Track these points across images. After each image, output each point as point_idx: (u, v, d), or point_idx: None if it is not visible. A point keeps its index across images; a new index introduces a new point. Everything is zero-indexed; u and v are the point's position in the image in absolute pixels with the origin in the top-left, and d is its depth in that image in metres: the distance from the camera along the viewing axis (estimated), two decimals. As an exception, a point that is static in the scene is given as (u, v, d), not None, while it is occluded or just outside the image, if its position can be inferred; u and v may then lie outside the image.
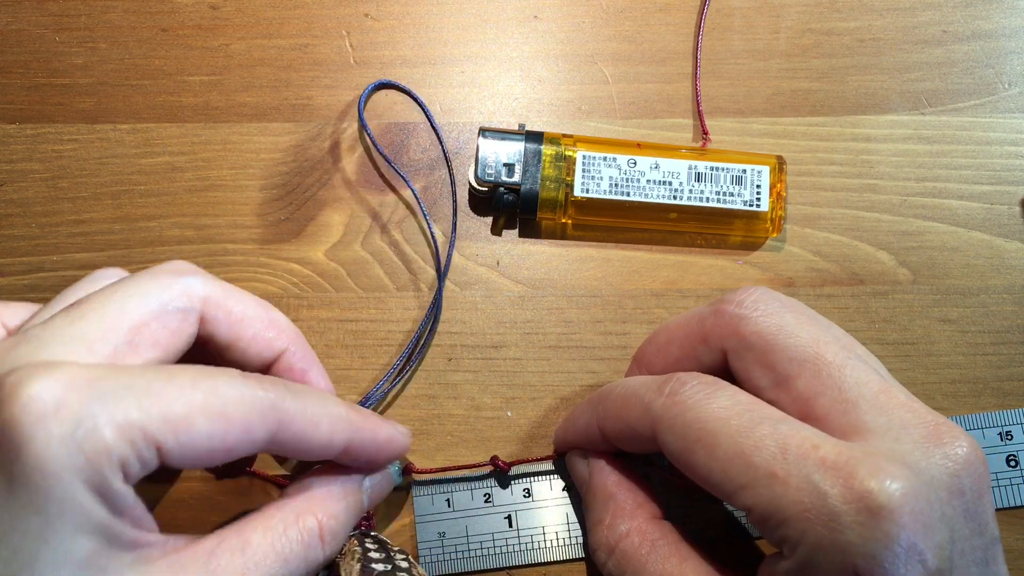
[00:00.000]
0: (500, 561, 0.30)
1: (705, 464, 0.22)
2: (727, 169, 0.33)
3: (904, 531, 0.19)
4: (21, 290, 0.33)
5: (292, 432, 0.23)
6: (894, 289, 0.34)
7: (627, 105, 0.36)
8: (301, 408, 0.23)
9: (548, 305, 0.33)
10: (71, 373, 0.20)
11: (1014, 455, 0.31)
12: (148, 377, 0.20)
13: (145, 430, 0.20)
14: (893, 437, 0.21)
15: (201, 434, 0.21)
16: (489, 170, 0.33)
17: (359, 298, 0.33)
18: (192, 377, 0.21)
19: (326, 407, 0.24)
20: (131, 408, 0.20)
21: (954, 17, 0.37)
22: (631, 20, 0.37)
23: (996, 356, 0.33)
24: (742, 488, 0.22)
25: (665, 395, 0.24)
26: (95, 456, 0.19)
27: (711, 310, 0.26)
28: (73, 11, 0.36)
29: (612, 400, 0.26)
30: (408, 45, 0.36)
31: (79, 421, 0.19)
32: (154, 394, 0.20)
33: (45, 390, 0.19)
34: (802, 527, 0.20)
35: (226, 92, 0.36)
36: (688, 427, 0.23)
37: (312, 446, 0.24)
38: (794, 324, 0.24)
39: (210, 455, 0.21)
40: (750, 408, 0.23)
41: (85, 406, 0.19)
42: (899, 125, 0.36)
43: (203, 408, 0.21)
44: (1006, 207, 0.35)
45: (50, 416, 0.19)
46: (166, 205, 0.34)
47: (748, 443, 0.22)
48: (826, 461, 0.20)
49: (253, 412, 0.22)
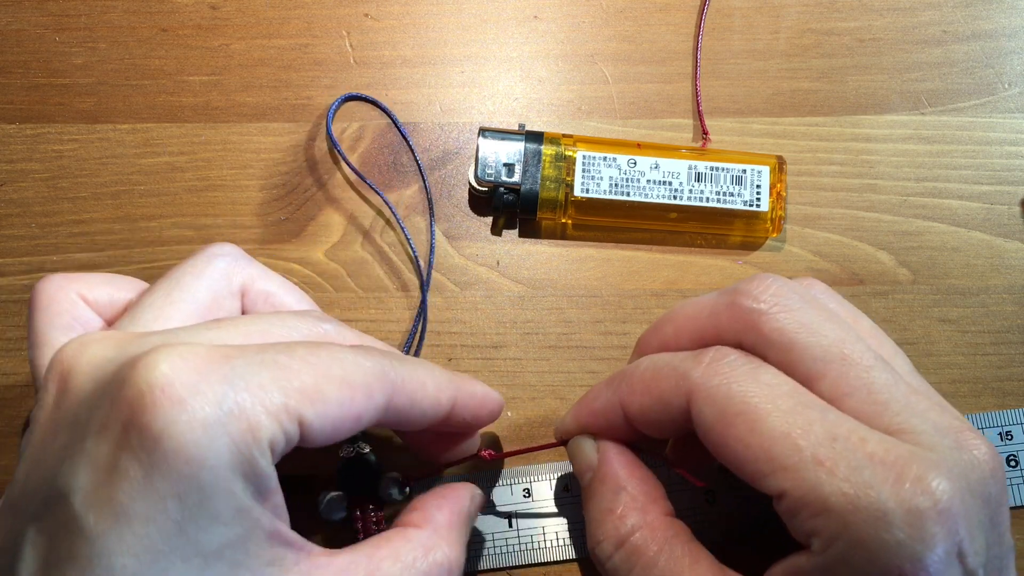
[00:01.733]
0: (500, 561, 0.30)
1: (744, 440, 0.21)
2: (727, 169, 0.33)
3: (952, 535, 0.19)
4: (21, 290, 0.33)
5: (406, 394, 0.23)
6: (894, 289, 0.34)
7: (627, 105, 0.36)
8: (409, 371, 0.23)
9: (548, 305, 0.33)
10: (203, 352, 0.19)
11: (1014, 455, 0.31)
12: (271, 352, 0.20)
13: (287, 404, 0.19)
14: (928, 440, 0.21)
15: (333, 402, 0.20)
16: (489, 170, 0.33)
17: (359, 298, 0.33)
18: (310, 349, 0.21)
19: (428, 369, 0.24)
20: (270, 383, 0.19)
21: (954, 17, 0.37)
22: (631, 20, 0.37)
23: (996, 356, 0.33)
24: (783, 470, 0.20)
25: (705, 364, 0.23)
26: (242, 437, 0.18)
27: (726, 302, 0.24)
28: (73, 11, 0.36)
29: (640, 373, 0.25)
30: (408, 45, 0.36)
31: (220, 401, 0.18)
32: (284, 367, 0.20)
33: (182, 371, 0.18)
34: (845, 520, 0.19)
35: (226, 92, 0.36)
36: (731, 399, 0.22)
37: (425, 407, 0.24)
38: (818, 322, 0.23)
39: (343, 424, 0.21)
40: (798, 390, 0.22)
41: (226, 384, 0.18)
42: (899, 125, 0.36)
43: (328, 377, 0.20)
44: (1006, 207, 0.35)
45: (190, 399, 0.18)
46: (166, 205, 0.34)
47: (797, 424, 0.21)
48: (875, 456, 0.20)
49: (371, 377, 0.21)
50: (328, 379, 0.20)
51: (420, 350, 0.33)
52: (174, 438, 0.17)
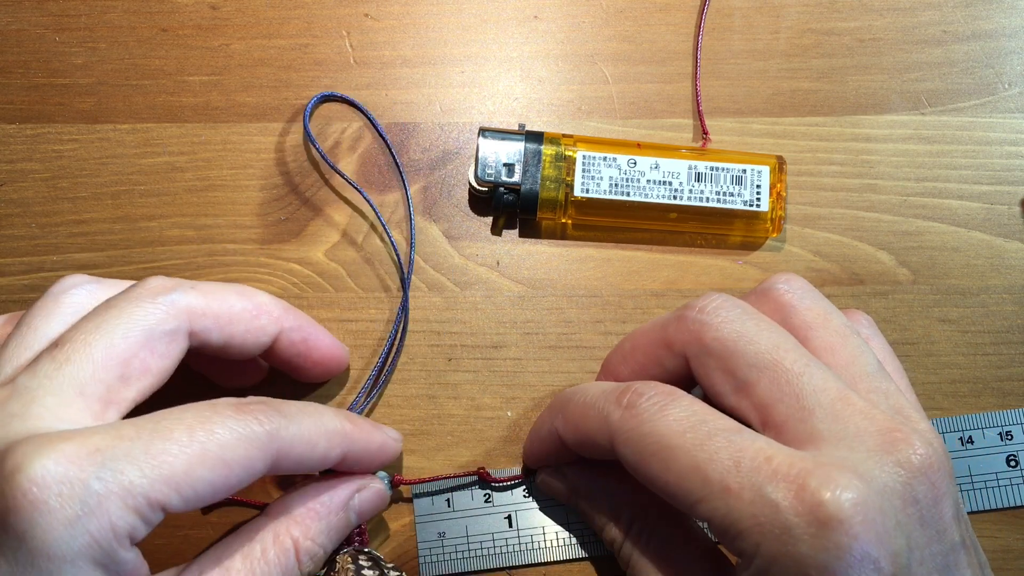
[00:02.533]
0: (500, 561, 0.30)
1: (662, 477, 0.23)
2: (727, 169, 0.33)
3: (856, 541, 0.19)
4: (21, 290, 0.33)
5: (292, 458, 0.23)
6: (894, 289, 0.34)
7: (627, 105, 0.36)
8: (298, 432, 0.23)
9: (548, 305, 0.33)
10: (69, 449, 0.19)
11: (1014, 455, 0.31)
12: (145, 438, 0.20)
13: (149, 496, 0.20)
14: (847, 445, 0.21)
15: (204, 483, 0.21)
16: (489, 170, 0.33)
17: (359, 298, 0.33)
18: (188, 427, 0.21)
19: (321, 423, 0.24)
20: (134, 477, 0.20)
21: (954, 17, 0.37)
22: (631, 20, 0.37)
23: (996, 356, 0.33)
24: (699, 502, 0.22)
25: (623, 407, 0.24)
26: (101, 533, 0.19)
27: (674, 316, 0.26)
28: (73, 11, 0.36)
29: (571, 409, 0.26)
30: (408, 45, 0.36)
31: (83, 501, 0.19)
32: (153, 455, 0.20)
33: (45, 471, 0.19)
34: (756, 540, 0.20)
35: (226, 92, 0.36)
36: (644, 440, 0.23)
37: (310, 464, 0.24)
38: (754, 331, 0.24)
39: (215, 497, 0.21)
40: (705, 420, 0.23)
41: (87, 484, 0.19)
42: (899, 125, 0.36)
43: (202, 459, 0.21)
44: (1006, 207, 0.35)
45: (52, 499, 0.19)
46: (166, 205, 0.34)
47: (702, 456, 0.22)
48: (778, 472, 0.21)
49: (253, 449, 0.22)
50: (202, 461, 0.21)
51: (400, 351, 0.33)
52: (36, 538, 0.19)
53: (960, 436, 0.32)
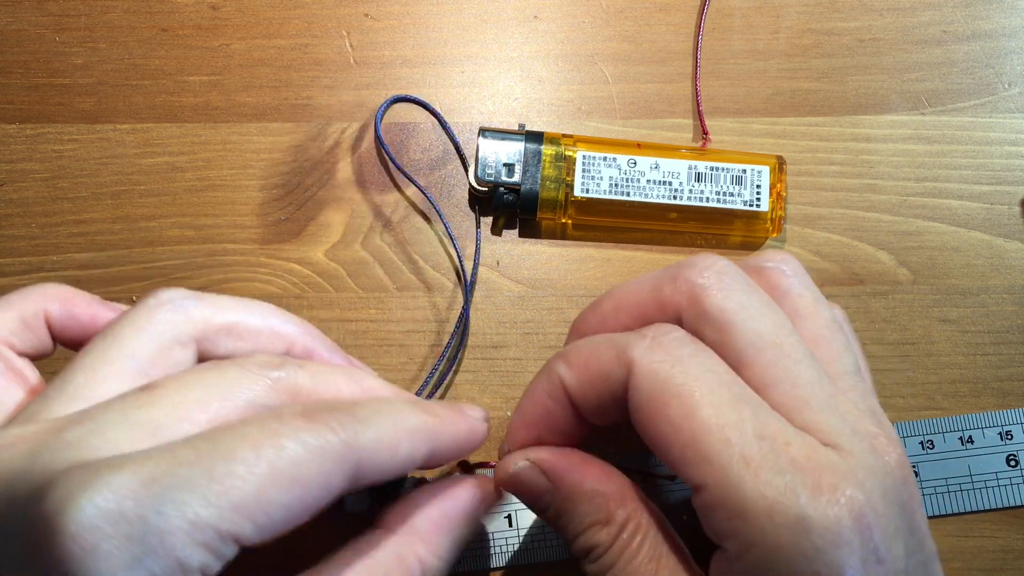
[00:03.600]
0: (500, 561, 0.30)
1: (676, 423, 0.20)
2: (727, 169, 0.33)
3: (868, 542, 0.19)
4: (21, 290, 0.33)
5: (372, 467, 0.20)
6: (894, 289, 0.34)
7: (627, 105, 0.36)
8: (376, 437, 0.20)
9: (548, 305, 0.33)
10: (120, 480, 0.17)
11: (1014, 455, 0.31)
12: (206, 461, 0.17)
13: (218, 527, 0.17)
14: (847, 442, 0.21)
15: (278, 507, 0.18)
16: (489, 170, 0.33)
17: (359, 298, 0.33)
18: (253, 444, 0.18)
19: (401, 422, 0.21)
20: (199, 507, 0.17)
21: (954, 17, 0.37)
22: (631, 20, 0.37)
23: (996, 356, 0.33)
24: (707, 463, 0.20)
25: (649, 338, 0.22)
26: (169, 572, 0.17)
27: (668, 275, 0.23)
28: (73, 11, 0.36)
29: (579, 349, 0.24)
30: (408, 45, 0.36)
31: (142, 541, 0.16)
32: (218, 480, 0.17)
33: (96, 510, 0.16)
34: (762, 526, 0.19)
35: (226, 92, 0.36)
36: (670, 378, 0.21)
37: (392, 472, 0.21)
38: (758, 307, 0.22)
39: (288, 524, 0.18)
40: (736, 381, 0.21)
41: (147, 520, 0.16)
42: (899, 125, 0.36)
43: (275, 480, 0.18)
44: (1006, 207, 0.35)
45: (106, 543, 0.16)
46: (166, 205, 0.34)
47: (731, 417, 0.20)
48: (796, 461, 0.20)
49: (329, 462, 0.19)
50: (275, 482, 0.18)
51: (461, 357, 0.33)
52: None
53: (960, 436, 0.32)
